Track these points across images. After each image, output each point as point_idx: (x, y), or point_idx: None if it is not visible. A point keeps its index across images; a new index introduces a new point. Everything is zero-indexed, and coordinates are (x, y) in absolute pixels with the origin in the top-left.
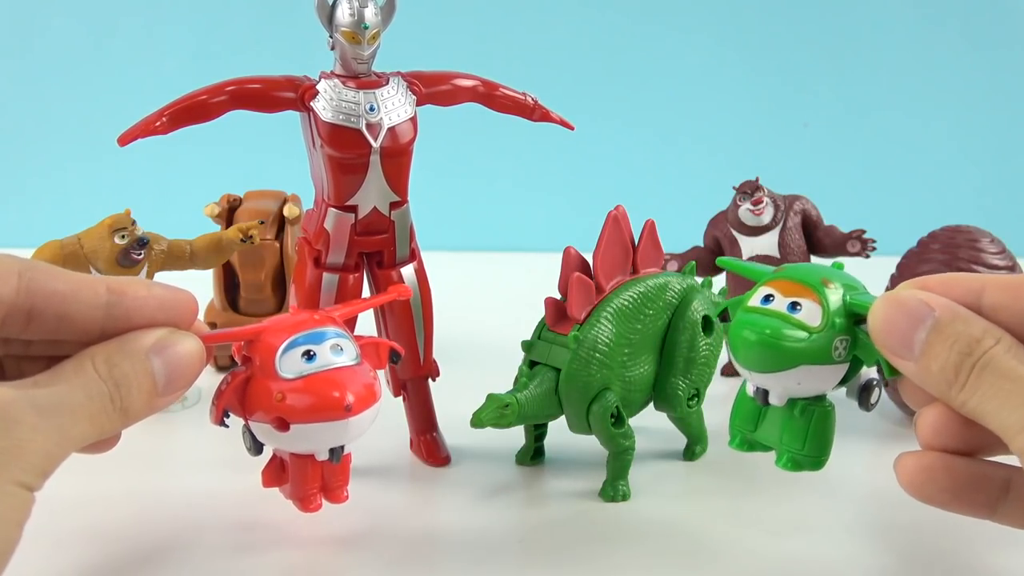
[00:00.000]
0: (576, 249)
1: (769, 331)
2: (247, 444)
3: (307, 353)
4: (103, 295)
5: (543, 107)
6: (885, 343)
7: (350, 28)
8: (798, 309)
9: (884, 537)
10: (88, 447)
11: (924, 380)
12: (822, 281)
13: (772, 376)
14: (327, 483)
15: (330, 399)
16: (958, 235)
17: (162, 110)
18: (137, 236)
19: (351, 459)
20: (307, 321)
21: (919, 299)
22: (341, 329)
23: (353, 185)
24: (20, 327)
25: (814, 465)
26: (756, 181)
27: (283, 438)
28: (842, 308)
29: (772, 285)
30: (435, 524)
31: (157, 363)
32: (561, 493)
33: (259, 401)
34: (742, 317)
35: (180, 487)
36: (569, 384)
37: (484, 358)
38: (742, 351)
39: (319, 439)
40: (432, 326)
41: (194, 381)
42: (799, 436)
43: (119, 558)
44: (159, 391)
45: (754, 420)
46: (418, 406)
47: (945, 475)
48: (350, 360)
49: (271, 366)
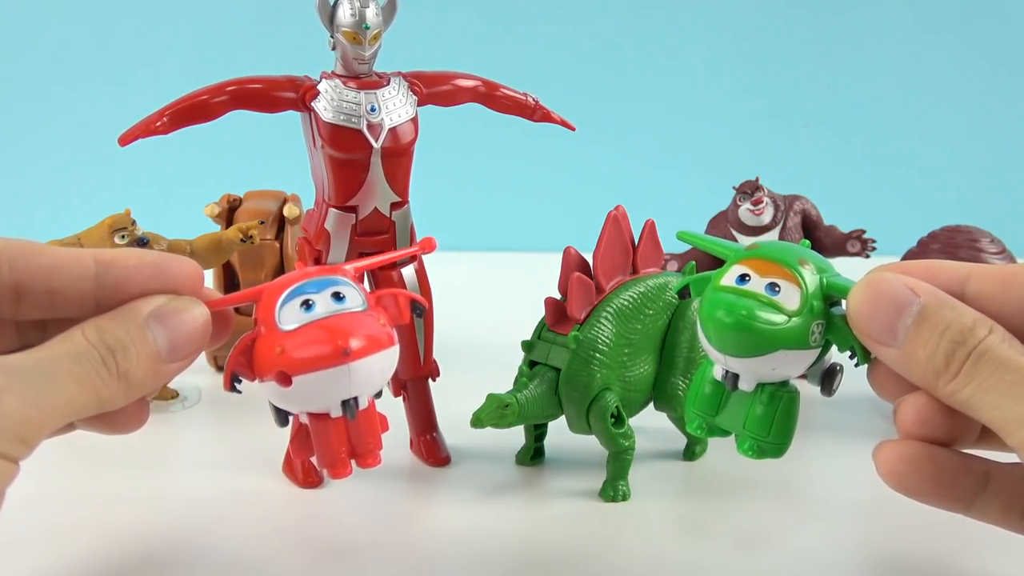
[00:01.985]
0: (576, 249)
1: (746, 313)
2: (273, 415)
3: (306, 303)
4: (91, 266)
5: (544, 107)
6: (866, 329)
7: (351, 28)
8: (777, 291)
9: (884, 536)
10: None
11: (907, 368)
12: (799, 261)
13: (747, 360)
14: (355, 447)
15: (327, 344)
16: (958, 235)
17: (163, 110)
18: (137, 236)
19: (383, 421)
20: (309, 272)
21: (903, 284)
22: (347, 279)
23: (354, 185)
24: (11, 307)
25: (776, 452)
26: (756, 181)
27: (289, 394)
28: (819, 290)
29: (747, 264)
30: (435, 524)
31: (157, 328)
32: (561, 493)
33: (263, 358)
34: (716, 296)
35: (180, 487)
36: (569, 384)
37: (484, 358)
38: (716, 334)
39: (324, 390)
40: (432, 326)
41: (203, 347)
42: (765, 423)
43: (119, 558)
44: (163, 357)
45: (716, 405)
46: (418, 406)
47: (928, 465)
48: (354, 307)
49: (272, 320)
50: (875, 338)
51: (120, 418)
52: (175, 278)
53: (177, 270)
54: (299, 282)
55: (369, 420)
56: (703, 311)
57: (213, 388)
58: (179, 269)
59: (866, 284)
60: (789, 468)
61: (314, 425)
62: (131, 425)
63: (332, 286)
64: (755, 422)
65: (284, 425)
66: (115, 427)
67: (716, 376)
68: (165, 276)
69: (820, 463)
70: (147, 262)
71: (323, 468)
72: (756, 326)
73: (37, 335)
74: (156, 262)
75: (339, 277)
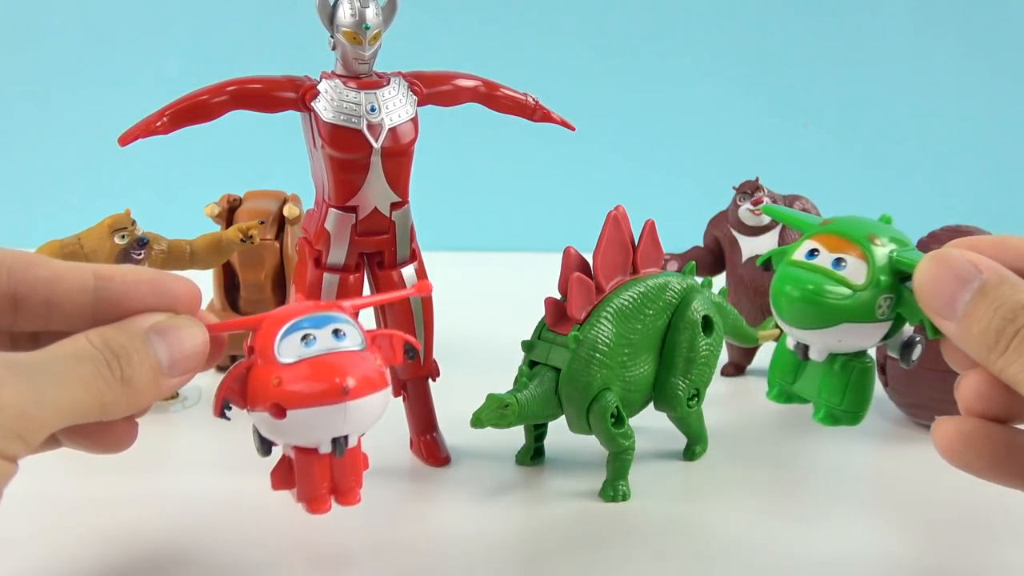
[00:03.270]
0: (576, 249)
1: (812, 287)
2: (256, 444)
3: (306, 337)
4: (90, 280)
5: (544, 107)
6: (929, 302)
7: (351, 28)
8: (843, 265)
9: (884, 536)
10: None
11: (964, 342)
12: (868, 237)
13: (813, 332)
14: (337, 483)
15: (326, 382)
16: (958, 235)
17: (163, 110)
18: (137, 236)
19: (365, 460)
20: (311, 307)
21: (967, 259)
22: (347, 315)
23: (354, 185)
24: (8, 316)
25: (851, 420)
26: (756, 181)
27: (281, 427)
28: (888, 265)
29: (818, 239)
30: (435, 524)
31: (158, 341)
32: (561, 493)
33: (258, 388)
34: (785, 271)
35: (180, 488)
36: (569, 384)
37: (484, 358)
38: (784, 306)
39: (317, 426)
40: (432, 326)
41: (200, 366)
42: (838, 391)
43: (119, 558)
44: (163, 370)
45: (793, 372)
46: (418, 406)
47: (985, 441)
48: (353, 345)
49: (270, 351)
50: (937, 311)
51: (110, 435)
52: (174, 296)
53: (176, 288)
54: (301, 316)
55: (354, 458)
56: (775, 284)
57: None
58: (178, 288)
59: (932, 258)
60: (789, 468)
61: (300, 459)
62: (120, 443)
63: (333, 323)
64: (829, 390)
65: (267, 455)
66: (104, 444)
67: (789, 346)
68: (163, 294)
69: (820, 463)
70: (146, 279)
71: (301, 502)
72: (820, 300)
73: (30, 347)
74: (155, 279)
75: (340, 314)
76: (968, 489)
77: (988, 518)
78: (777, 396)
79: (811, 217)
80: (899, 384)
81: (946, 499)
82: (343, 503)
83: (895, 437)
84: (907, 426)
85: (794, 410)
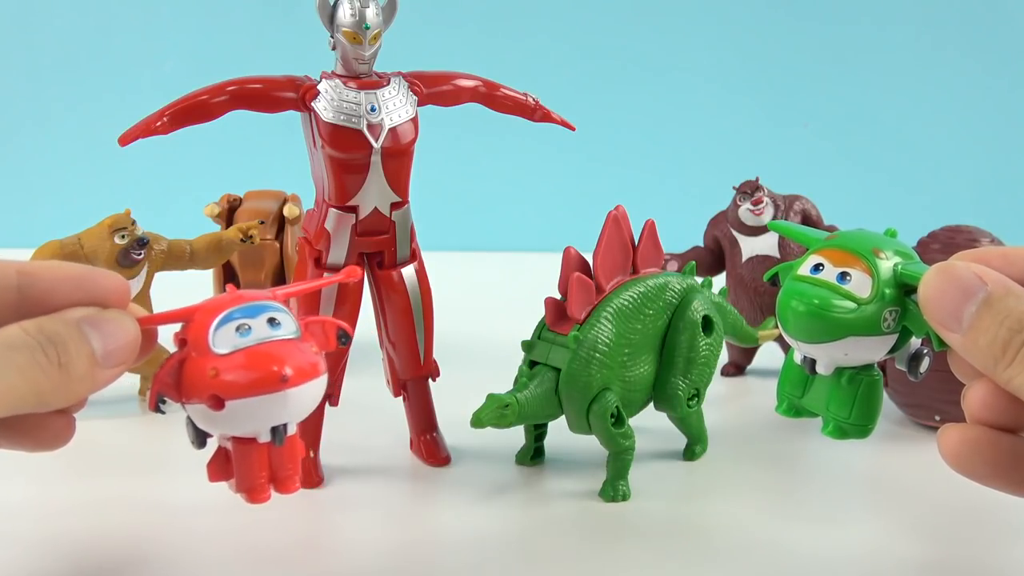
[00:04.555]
0: (576, 249)
1: (817, 301)
2: (191, 436)
3: (241, 327)
4: (13, 277)
5: (544, 108)
6: (934, 314)
7: (351, 28)
8: (847, 279)
9: (884, 536)
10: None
11: (970, 354)
12: (873, 251)
13: (819, 346)
14: (275, 472)
15: (265, 371)
16: (958, 235)
17: (163, 110)
18: (137, 236)
19: (301, 447)
20: (242, 297)
21: (972, 272)
22: (280, 304)
23: (354, 185)
24: None
25: (860, 433)
26: (756, 181)
27: (219, 418)
28: (892, 278)
29: (822, 254)
30: (435, 524)
31: (91, 331)
32: (561, 493)
33: (193, 381)
34: (791, 286)
35: (179, 487)
36: (569, 384)
37: (484, 358)
38: (791, 321)
39: (257, 416)
40: (432, 326)
41: (133, 359)
42: (846, 404)
43: (118, 558)
44: (98, 360)
45: (802, 386)
46: (418, 406)
47: (989, 448)
48: (288, 334)
49: (205, 342)
50: (942, 324)
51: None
52: (103, 291)
53: (104, 283)
54: (234, 306)
55: (292, 446)
56: (781, 299)
57: None
58: (106, 283)
59: (936, 271)
60: (789, 468)
61: (238, 449)
62: (57, 439)
63: (267, 312)
64: (836, 404)
65: (202, 447)
66: (40, 440)
67: (796, 360)
68: (91, 289)
69: (820, 463)
70: (72, 275)
71: (240, 492)
72: (825, 314)
73: None
74: (82, 275)
75: (273, 303)
76: (968, 489)
77: (988, 518)
78: (786, 411)
79: (816, 232)
80: (899, 384)
81: (946, 499)
82: (282, 491)
83: (895, 437)
84: (907, 426)
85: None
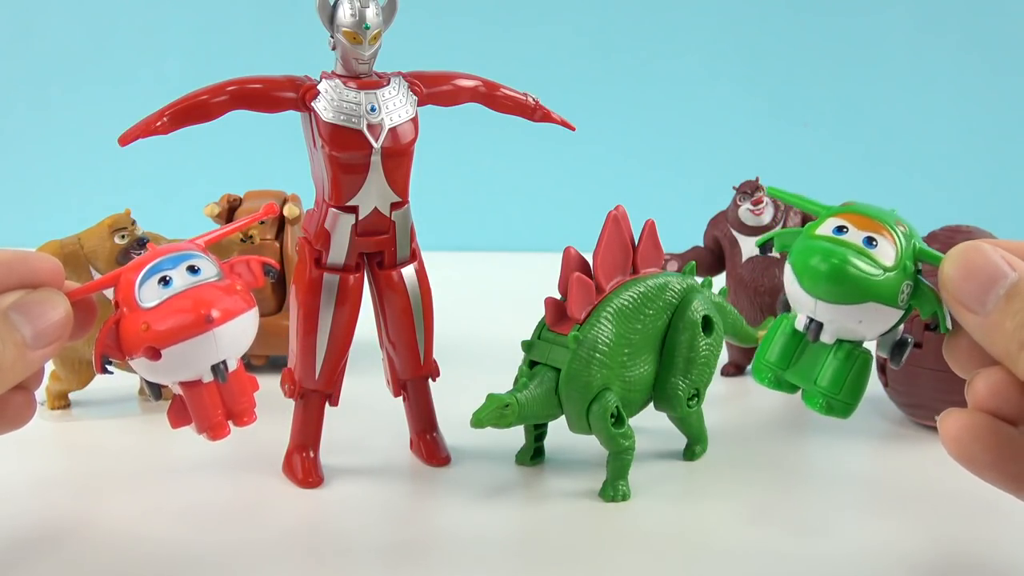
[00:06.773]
0: (576, 249)
1: (844, 259)
2: (146, 390)
3: (163, 279)
4: None
5: (544, 107)
6: (957, 292)
7: (351, 28)
8: (874, 244)
9: (884, 536)
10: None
11: (990, 337)
12: (896, 221)
13: (838, 308)
14: (230, 408)
15: (191, 315)
16: (958, 235)
17: (163, 110)
18: (137, 236)
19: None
20: (160, 251)
21: (1001, 256)
22: (198, 251)
23: (354, 185)
24: None
25: (844, 411)
26: (756, 181)
27: (160, 367)
28: (912, 252)
29: (845, 217)
30: (435, 524)
31: (18, 318)
32: (561, 493)
33: (129, 337)
34: (811, 243)
35: (179, 487)
36: (569, 384)
37: (484, 358)
38: (810, 278)
39: (192, 358)
40: (432, 326)
41: (67, 335)
42: (838, 380)
43: (118, 558)
44: (28, 344)
45: (789, 358)
46: (418, 406)
47: (991, 437)
48: (209, 277)
49: (133, 300)
50: (964, 303)
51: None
52: (34, 274)
53: (36, 266)
54: (154, 260)
55: (240, 381)
56: (796, 259)
57: None
58: (38, 265)
59: (964, 249)
60: (789, 468)
61: (188, 393)
62: (18, 419)
63: (186, 260)
64: (828, 378)
65: (158, 399)
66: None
67: (798, 326)
68: (21, 273)
69: (819, 463)
70: (4, 260)
71: (202, 433)
72: (852, 272)
73: None
74: (11, 260)
75: (192, 251)
76: (968, 489)
77: (988, 518)
78: (766, 381)
79: (815, 200)
80: (899, 384)
81: (946, 499)
82: (240, 424)
83: (895, 437)
84: (907, 426)
85: (794, 410)
